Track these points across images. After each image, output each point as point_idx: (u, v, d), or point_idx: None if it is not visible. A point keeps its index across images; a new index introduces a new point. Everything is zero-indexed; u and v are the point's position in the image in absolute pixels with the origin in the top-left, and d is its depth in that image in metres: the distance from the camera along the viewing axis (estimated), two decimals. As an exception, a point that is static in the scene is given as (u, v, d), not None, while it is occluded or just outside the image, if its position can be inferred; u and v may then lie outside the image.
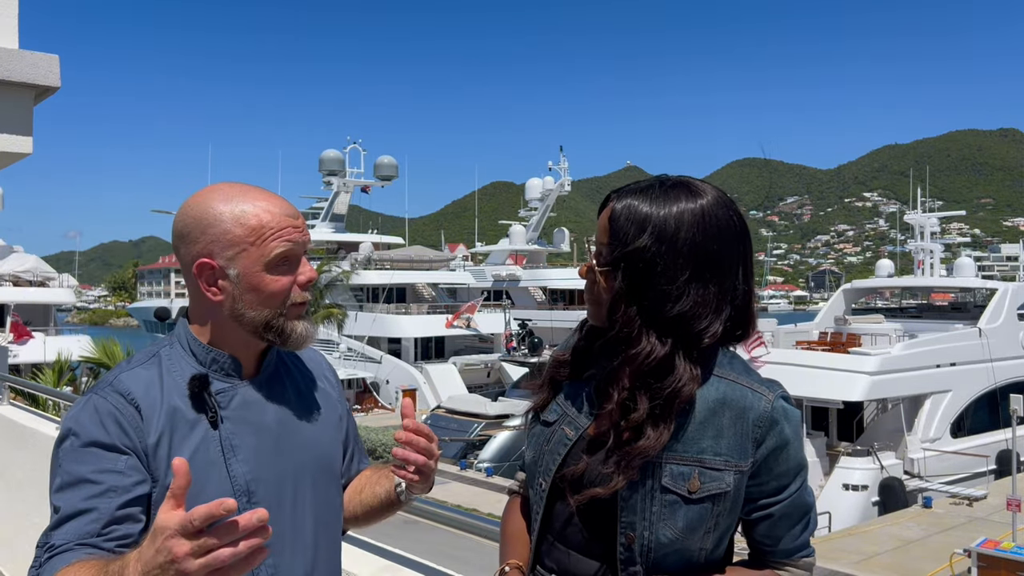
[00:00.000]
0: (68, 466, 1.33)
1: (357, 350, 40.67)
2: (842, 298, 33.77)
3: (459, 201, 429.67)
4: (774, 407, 1.33)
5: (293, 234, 1.44)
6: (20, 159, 3.77)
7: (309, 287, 1.49)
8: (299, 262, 1.47)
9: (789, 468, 1.35)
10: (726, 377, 1.36)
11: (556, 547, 1.43)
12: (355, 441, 1.73)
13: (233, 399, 1.47)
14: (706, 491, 1.30)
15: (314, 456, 1.54)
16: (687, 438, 1.32)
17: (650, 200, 1.34)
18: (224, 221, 1.42)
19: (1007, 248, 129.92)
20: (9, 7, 3.54)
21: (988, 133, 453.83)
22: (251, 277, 1.43)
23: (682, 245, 1.31)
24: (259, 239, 1.42)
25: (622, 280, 1.33)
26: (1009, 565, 14.06)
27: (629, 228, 1.33)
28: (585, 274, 1.42)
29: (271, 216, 1.43)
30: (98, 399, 1.38)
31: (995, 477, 23.65)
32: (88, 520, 1.28)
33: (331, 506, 1.59)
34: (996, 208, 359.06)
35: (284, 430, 1.51)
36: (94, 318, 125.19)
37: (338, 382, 1.74)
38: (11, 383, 6.97)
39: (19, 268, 37.14)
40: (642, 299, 1.33)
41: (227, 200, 1.44)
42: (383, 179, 55.44)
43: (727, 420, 1.32)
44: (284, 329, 1.46)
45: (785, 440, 1.33)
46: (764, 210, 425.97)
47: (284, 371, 1.59)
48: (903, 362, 24.19)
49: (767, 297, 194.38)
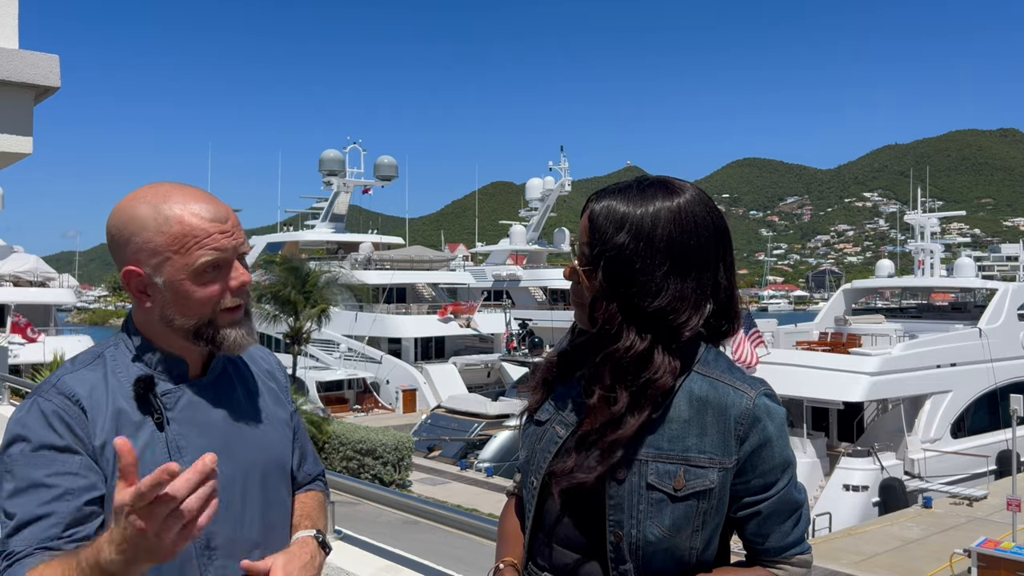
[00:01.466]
0: (21, 471, 1.30)
1: (357, 350, 40.67)
2: (842, 298, 33.78)
3: (459, 201, 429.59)
4: (756, 405, 1.35)
5: (221, 240, 1.39)
6: (20, 159, 3.77)
7: (243, 291, 1.45)
8: (230, 267, 1.43)
9: (775, 465, 1.36)
10: (709, 375, 1.38)
11: (548, 545, 1.45)
12: (302, 443, 1.71)
13: (179, 400, 1.45)
14: (691, 488, 1.32)
15: (264, 457, 1.53)
16: (672, 437, 1.34)
17: (627, 199, 1.38)
18: (147, 229, 1.38)
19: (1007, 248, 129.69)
20: (9, 7, 3.54)
21: (988, 133, 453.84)
22: (176, 286, 1.39)
23: (659, 241, 1.35)
24: (182, 247, 1.37)
25: (602, 278, 1.37)
26: (1009, 565, 14.06)
27: (608, 227, 1.36)
28: (569, 275, 1.44)
29: (197, 221, 1.38)
30: (43, 401, 1.36)
31: (995, 477, 23.66)
32: (48, 525, 1.27)
33: (281, 506, 1.58)
34: (996, 208, 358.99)
35: (233, 430, 1.50)
36: (94, 318, 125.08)
37: (287, 382, 1.73)
38: (11, 383, 6.97)
39: (20, 268, 37.11)
40: (622, 296, 1.36)
41: (152, 205, 1.39)
42: (383, 179, 55.40)
43: (710, 418, 1.34)
44: (215, 336, 1.44)
45: (768, 437, 1.35)
46: (764, 210, 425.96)
47: (233, 371, 1.57)
48: (903, 362, 24.19)
49: (767, 297, 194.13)
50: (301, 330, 29.48)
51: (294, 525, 1.61)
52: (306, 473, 1.71)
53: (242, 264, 1.46)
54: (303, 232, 54.36)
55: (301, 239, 52.24)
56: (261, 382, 1.62)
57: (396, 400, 37.88)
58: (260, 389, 1.61)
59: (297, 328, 29.36)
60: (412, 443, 25.05)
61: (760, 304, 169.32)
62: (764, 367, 24.47)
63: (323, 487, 1.79)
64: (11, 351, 23.56)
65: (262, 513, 1.51)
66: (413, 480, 24.35)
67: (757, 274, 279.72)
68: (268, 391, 1.63)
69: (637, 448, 1.34)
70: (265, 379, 1.64)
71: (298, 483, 1.69)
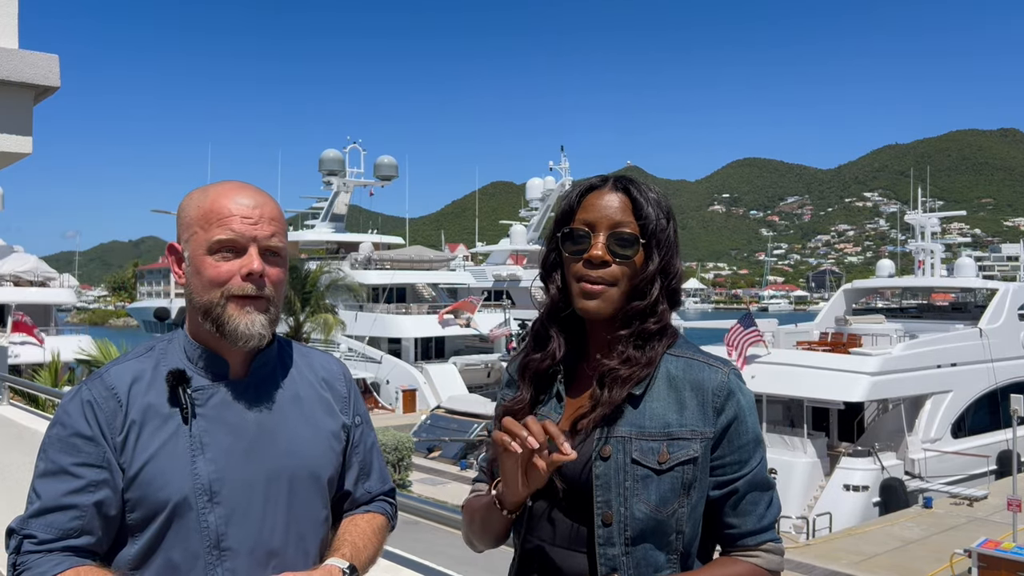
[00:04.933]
0: (53, 454, 1.40)
1: (357, 350, 40.67)
2: (843, 298, 33.81)
3: (459, 201, 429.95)
4: (730, 379, 1.43)
5: (238, 224, 1.44)
6: (20, 159, 3.77)
7: (255, 280, 1.45)
8: (246, 253, 1.45)
9: (748, 440, 1.42)
10: (683, 356, 1.46)
11: (539, 547, 1.45)
12: (363, 457, 1.66)
13: (212, 397, 1.46)
14: (675, 459, 1.37)
15: (294, 464, 1.50)
16: (653, 415, 1.40)
17: (649, 191, 1.49)
18: (191, 207, 1.49)
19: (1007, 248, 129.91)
20: (9, 7, 3.54)
21: (988, 133, 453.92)
22: (196, 260, 1.46)
23: (676, 228, 1.51)
24: (206, 223, 1.45)
25: (658, 258, 1.45)
26: (1009, 565, 14.07)
27: (658, 213, 1.45)
28: (599, 260, 1.43)
29: (224, 202, 1.46)
30: (85, 390, 1.44)
31: (995, 477, 23.68)
32: (71, 516, 1.36)
33: (311, 519, 1.53)
34: (996, 208, 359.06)
35: (263, 434, 1.48)
36: (94, 318, 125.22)
37: (350, 393, 1.67)
38: (11, 383, 6.97)
39: (20, 268, 37.16)
40: (663, 274, 1.46)
41: (204, 189, 1.51)
42: (383, 179, 55.45)
43: (688, 393, 1.42)
44: (221, 319, 1.45)
45: (742, 410, 1.42)
46: (764, 210, 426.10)
47: (282, 375, 1.56)
48: (904, 362, 24.21)
49: (767, 297, 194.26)
50: (300, 330, 29.49)
51: (333, 547, 1.54)
52: (365, 490, 1.66)
53: (272, 260, 1.49)
54: (303, 232, 54.37)
55: (301, 239, 52.25)
56: (313, 390, 1.60)
57: (396, 400, 37.90)
58: (309, 396, 1.59)
59: (296, 328, 29.38)
60: (412, 443, 25.04)
61: (760, 304, 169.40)
62: (765, 367, 24.53)
63: (387, 508, 1.71)
64: (11, 351, 23.56)
65: (286, 522, 1.47)
66: (413, 480, 24.35)
67: (757, 274, 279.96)
68: (319, 399, 1.60)
69: (621, 427, 1.39)
70: (319, 387, 1.62)
71: (355, 500, 1.65)
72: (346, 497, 1.64)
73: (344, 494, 1.63)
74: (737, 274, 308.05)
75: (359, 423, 1.66)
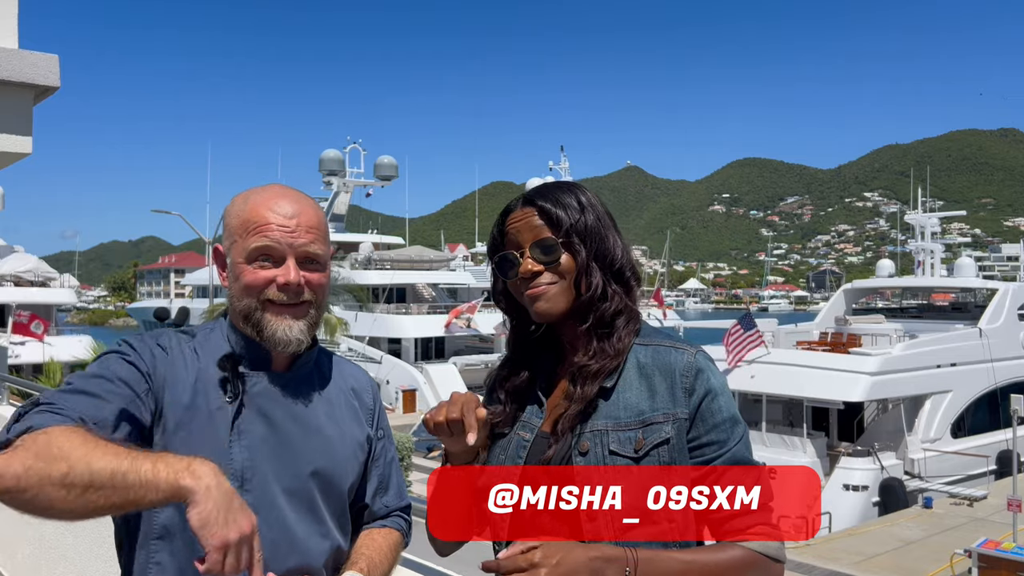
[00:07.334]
0: (103, 363, 1.42)
1: (357, 350, 40.66)
2: (842, 298, 33.80)
3: (459, 201, 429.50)
4: (697, 358, 1.44)
5: (275, 232, 1.47)
6: (20, 159, 3.76)
7: (291, 291, 1.48)
8: (284, 262, 1.48)
9: (724, 419, 1.42)
10: (650, 344, 1.48)
11: None
12: (383, 471, 1.68)
13: (255, 385, 1.49)
14: (650, 443, 1.39)
15: (318, 465, 1.52)
16: (627, 406, 1.42)
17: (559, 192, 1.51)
18: (232, 214, 1.52)
19: (1008, 248, 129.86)
20: (9, 7, 3.54)
21: (988, 133, 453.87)
22: (235, 266, 1.50)
23: (603, 215, 1.51)
24: (245, 231, 1.49)
25: (584, 253, 1.46)
26: (1009, 566, 14.06)
27: (569, 212, 1.47)
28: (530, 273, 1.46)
29: (263, 211, 1.49)
30: (148, 337, 1.51)
31: (995, 477, 23.65)
32: (97, 404, 1.34)
33: (324, 524, 1.54)
34: (996, 208, 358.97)
35: (295, 430, 1.51)
36: (94, 318, 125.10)
37: (376, 406, 1.71)
38: (11, 383, 6.97)
39: (20, 268, 37.18)
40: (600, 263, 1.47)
41: (245, 196, 1.54)
42: (383, 179, 55.43)
43: (658, 378, 1.43)
44: (260, 323, 1.48)
45: (712, 387, 1.43)
46: (764, 210, 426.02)
47: (318, 378, 1.59)
48: (903, 362, 24.20)
49: (767, 297, 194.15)
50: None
51: (350, 560, 1.57)
52: (383, 505, 1.68)
53: (311, 266, 1.51)
54: (303, 232, 54.24)
55: (301, 239, 52.12)
56: (344, 397, 1.63)
57: (396, 400, 37.86)
58: (340, 403, 1.61)
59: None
60: (412, 443, 25.02)
61: (760, 304, 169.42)
62: (764, 367, 24.53)
63: (402, 524, 1.73)
64: (11, 351, 23.55)
65: (296, 520, 1.48)
66: (413, 480, 24.34)
67: (757, 274, 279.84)
68: (348, 407, 1.63)
69: (597, 421, 1.41)
70: (348, 396, 1.64)
71: (373, 513, 1.67)
72: (364, 509, 1.66)
73: (362, 506, 1.65)
74: (737, 274, 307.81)
75: (381, 436, 1.69)
